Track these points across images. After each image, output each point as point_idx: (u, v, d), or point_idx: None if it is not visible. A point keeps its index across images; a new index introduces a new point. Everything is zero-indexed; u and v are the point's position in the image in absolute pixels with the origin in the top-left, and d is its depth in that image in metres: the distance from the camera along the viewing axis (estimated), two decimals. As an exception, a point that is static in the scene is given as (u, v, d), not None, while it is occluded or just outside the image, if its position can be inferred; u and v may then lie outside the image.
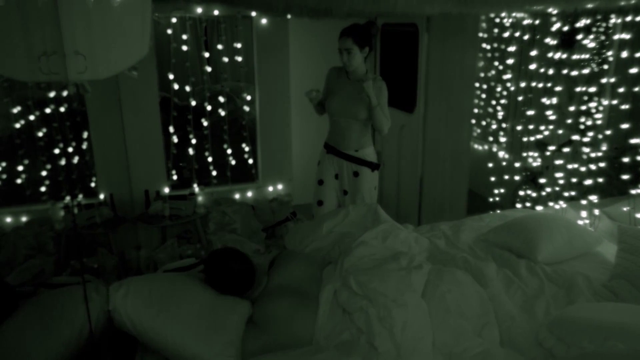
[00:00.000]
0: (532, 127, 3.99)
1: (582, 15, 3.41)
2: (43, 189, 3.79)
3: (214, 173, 4.16)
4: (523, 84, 4.06)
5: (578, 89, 3.53)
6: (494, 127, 4.94)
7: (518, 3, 2.94)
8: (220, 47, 3.93)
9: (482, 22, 4.71)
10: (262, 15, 3.98)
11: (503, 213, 3.43)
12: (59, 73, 1.43)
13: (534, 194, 4.01)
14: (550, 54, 3.73)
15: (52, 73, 1.43)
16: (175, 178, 4.10)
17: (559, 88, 3.68)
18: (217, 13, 3.82)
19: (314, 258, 2.42)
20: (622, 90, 3.28)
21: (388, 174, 4.56)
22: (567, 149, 3.75)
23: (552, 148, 3.83)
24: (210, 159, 4.10)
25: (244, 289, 2.09)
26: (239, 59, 3.99)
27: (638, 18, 3.17)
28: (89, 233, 3.59)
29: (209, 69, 4.17)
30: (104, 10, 1.45)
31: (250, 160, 4.31)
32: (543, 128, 3.90)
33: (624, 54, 3.20)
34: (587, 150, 3.49)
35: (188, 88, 3.86)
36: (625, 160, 3.26)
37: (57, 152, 3.66)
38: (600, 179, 3.36)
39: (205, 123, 3.98)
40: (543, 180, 3.90)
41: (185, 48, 3.80)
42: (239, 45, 3.97)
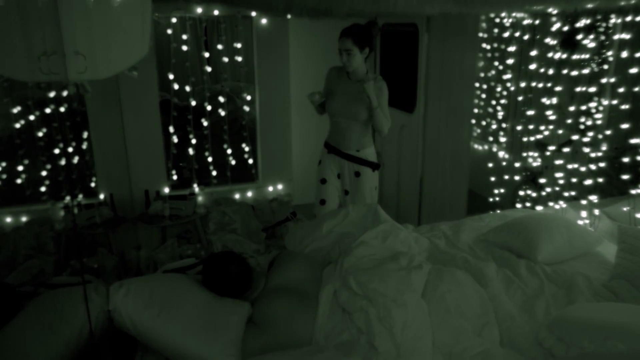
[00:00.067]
0: (532, 127, 3.99)
1: (582, 15, 3.41)
2: (43, 189, 3.79)
3: (214, 173, 4.16)
4: (523, 84, 4.06)
5: (580, 89, 3.52)
6: (494, 127, 4.94)
7: (518, 3, 2.94)
8: (220, 47, 3.93)
9: (482, 22, 4.71)
10: (262, 15, 3.98)
11: (503, 213, 3.43)
12: (59, 73, 1.43)
13: (534, 194, 4.01)
14: (550, 54, 3.73)
15: (52, 73, 1.43)
16: (175, 178, 4.10)
17: (559, 88, 3.68)
18: (217, 13, 3.82)
19: (314, 258, 2.42)
20: (622, 90, 3.28)
21: (388, 174, 4.56)
22: (567, 149, 3.75)
23: (552, 148, 3.83)
24: (210, 159, 4.11)
25: (242, 291, 2.10)
26: (239, 59, 3.99)
27: (638, 18, 3.17)
28: (89, 233, 3.59)
29: (209, 69, 4.17)
30: (104, 10, 1.46)
31: (250, 160, 4.31)
32: (543, 128, 3.90)
33: (624, 54, 3.20)
34: (587, 150, 3.49)
35: (188, 88, 3.86)
36: (625, 160, 3.26)
37: (57, 152, 3.66)
38: (600, 179, 3.36)
39: (205, 123, 3.98)
40: (543, 180, 3.90)
41: (185, 48, 3.80)
42: (239, 45, 3.97)
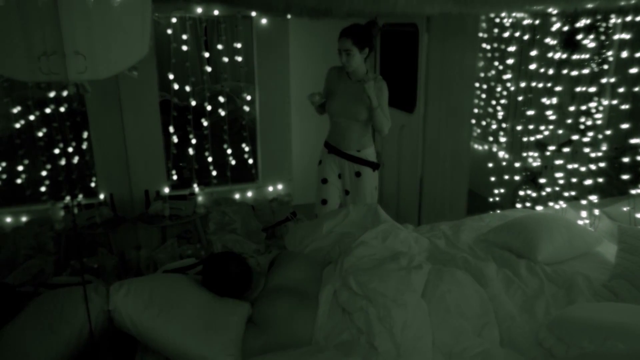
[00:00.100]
0: (532, 127, 3.99)
1: (582, 15, 3.40)
2: (43, 189, 3.79)
3: (214, 173, 4.16)
4: (523, 84, 4.06)
5: (581, 89, 3.52)
6: (494, 127, 4.94)
7: (518, 3, 2.94)
8: (220, 47, 3.93)
9: (482, 22, 4.70)
10: (262, 15, 3.98)
11: (503, 213, 3.42)
12: (59, 73, 1.43)
13: (534, 194, 4.01)
14: (551, 54, 3.73)
15: (52, 73, 1.43)
16: (175, 178, 4.10)
17: (559, 88, 3.68)
18: (217, 13, 3.82)
19: (314, 258, 2.42)
20: (622, 90, 3.28)
21: (388, 174, 4.56)
22: (567, 149, 3.75)
23: (552, 148, 3.83)
24: (210, 159, 4.10)
25: (241, 291, 2.10)
26: (239, 59, 3.99)
27: (638, 18, 3.17)
28: (89, 233, 3.59)
29: (209, 69, 4.17)
30: (104, 10, 1.46)
31: (250, 160, 4.31)
32: (543, 128, 3.90)
33: (624, 54, 3.20)
34: (587, 150, 3.49)
35: (188, 88, 3.86)
36: (625, 160, 3.26)
37: (57, 152, 3.66)
38: (600, 179, 3.36)
39: (205, 123, 3.98)
40: (543, 180, 3.90)
41: (185, 48, 3.80)
42: (239, 45, 3.97)
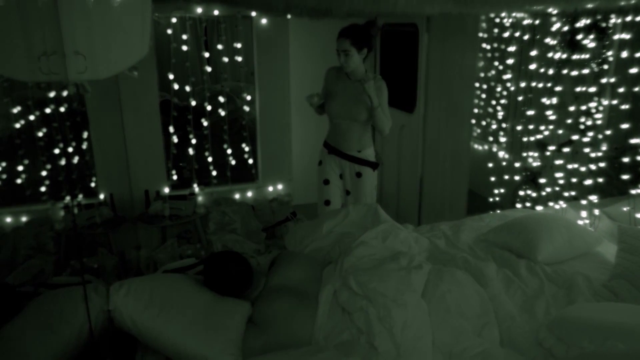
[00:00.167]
0: (532, 127, 3.99)
1: (582, 15, 3.40)
2: (43, 189, 3.79)
3: (214, 173, 4.16)
4: (523, 84, 4.06)
5: (582, 89, 3.52)
6: (494, 127, 4.94)
7: (518, 3, 2.94)
8: (220, 47, 3.93)
9: (482, 22, 4.71)
10: (262, 15, 3.98)
11: (503, 213, 3.42)
12: (59, 73, 1.43)
13: (534, 194, 4.01)
14: (550, 54, 3.72)
15: (52, 73, 1.43)
16: (175, 178, 4.10)
17: (559, 88, 3.68)
18: (217, 13, 3.82)
19: (314, 258, 2.42)
20: (622, 90, 3.28)
21: (388, 174, 4.56)
22: (566, 149, 3.75)
23: (551, 148, 3.83)
24: (210, 159, 4.10)
25: (242, 290, 2.10)
26: (239, 59, 3.99)
27: (638, 18, 3.17)
28: (89, 233, 3.59)
29: (209, 69, 4.17)
30: (104, 10, 1.45)
31: (250, 160, 4.31)
32: (543, 128, 3.90)
33: (624, 54, 3.20)
34: (587, 150, 3.49)
35: (188, 88, 3.86)
36: (625, 160, 3.26)
37: (57, 152, 3.66)
38: (600, 179, 3.36)
39: (205, 123, 3.98)
40: (543, 180, 3.90)
41: (185, 48, 3.80)
42: (239, 45, 3.97)
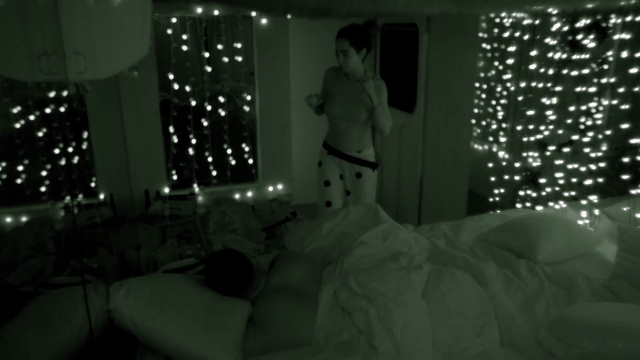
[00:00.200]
0: (532, 127, 3.99)
1: (582, 15, 3.40)
2: (43, 189, 3.79)
3: (214, 173, 4.16)
4: (523, 84, 4.06)
5: (583, 89, 3.52)
6: (494, 127, 4.94)
7: (518, 3, 2.94)
8: (220, 47, 3.93)
9: (482, 22, 4.71)
10: (262, 15, 3.98)
11: (503, 213, 3.42)
12: (59, 73, 1.43)
13: (534, 194, 4.01)
14: (551, 54, 3.72)
15: (52, 73, 1.43)
16: (175, 178, 4.10)
17: (559, 88, 3.68)
18: (217, 13, 3.82)
19: (314, 258, 2.42)
20: (622, 90, 3.28)
21: (388, 174, 4.56)
22: (566, 149, 3.75)
23: (551, 148, 3.83)
24: (210, 159, 4.10)
25: (243, 288, 2.09)
26: (239, 59, 3.99)
27: (638, 18, 3.17)
28: (89, 233, 3.59)
29: (209, 69, 4.17)
30: (104, 10, 1.45)
31: (250, 160, 4.31)
32: (543, 128, 3.90)
33: (624, 54, 3.20)
34: (587, 150, 3.49)
35: (188, 88, 3.86)
36: (625, 160, 3.26)
37: (57, 152, 3.66)
38: (600, 179, 3.36)
39: (205, 123, 3.98)
40: (543, 180, 3.90)
41: (185, 48, 3.80)
42: (239, 45, 3.97)
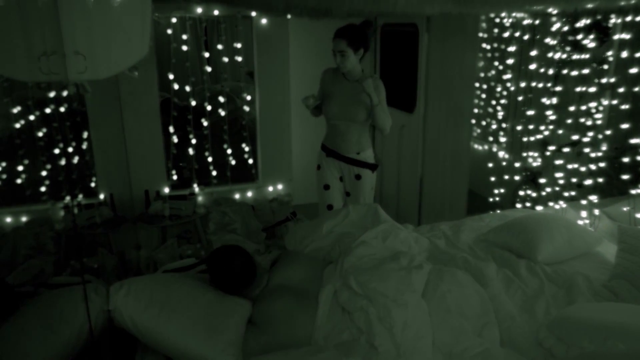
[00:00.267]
0: (532, 127, 3.99)
1: (582, 15, 3.40)
2: (43, 189, 3.79)
3: (214, 173, 4.16)
4: (523, 84, 4.06)
5: (581, 89, 3.52)
6: (494, 127, 4.94)
7: (518, 3, 2.94)
8: (220, 47, 3.93)
9: (482, 22, 4.71)
10: (262, 15, 3.98)
11: (503, 213, 3.43)
12: (59, 73, 1.43)
13: (534, 194, 4.01)
14: (551, 54, 3.72)
15: (52, 73, 1.43)
16: (175, 178, 4.10)
17: (559, 88, 3.68)
18: (217, 13, 3.81)
19: (314, 258, 2.42)
20: (622, 90, 3.28)
21: (388, 174, 4.56)
22: (567, 149, 3.75)
23: (552, 148, 3.83)
24: (210, 159, 4.10)
25: (247, 283, 2.09)
26: (239, 59, 3.99)
27: (638, 18, 3.17)
28: (89, 233, 3.59)
29: (209, 69, 4.17)
30: (104, 10, 1.46)
31: (250, 160, 4.31)
32: (543, 128, 3.90)
33: (624, 54, 3.20)
34: (587, 150, 3.49)
35: (188, 88, 3.86)
36: (625, 160, 3.26)
37: (57, 152, 3.66)
38: (600, 179, 3.36)
39: (205, 123, 3.98)
40: (543, 180, 3.90)
41: (185, 48, 3.80)
42: (239, 45, 3.97)
